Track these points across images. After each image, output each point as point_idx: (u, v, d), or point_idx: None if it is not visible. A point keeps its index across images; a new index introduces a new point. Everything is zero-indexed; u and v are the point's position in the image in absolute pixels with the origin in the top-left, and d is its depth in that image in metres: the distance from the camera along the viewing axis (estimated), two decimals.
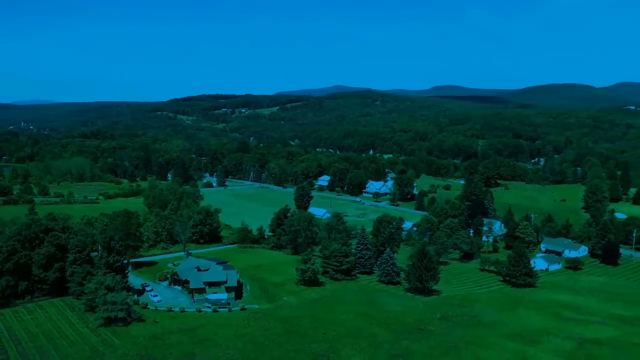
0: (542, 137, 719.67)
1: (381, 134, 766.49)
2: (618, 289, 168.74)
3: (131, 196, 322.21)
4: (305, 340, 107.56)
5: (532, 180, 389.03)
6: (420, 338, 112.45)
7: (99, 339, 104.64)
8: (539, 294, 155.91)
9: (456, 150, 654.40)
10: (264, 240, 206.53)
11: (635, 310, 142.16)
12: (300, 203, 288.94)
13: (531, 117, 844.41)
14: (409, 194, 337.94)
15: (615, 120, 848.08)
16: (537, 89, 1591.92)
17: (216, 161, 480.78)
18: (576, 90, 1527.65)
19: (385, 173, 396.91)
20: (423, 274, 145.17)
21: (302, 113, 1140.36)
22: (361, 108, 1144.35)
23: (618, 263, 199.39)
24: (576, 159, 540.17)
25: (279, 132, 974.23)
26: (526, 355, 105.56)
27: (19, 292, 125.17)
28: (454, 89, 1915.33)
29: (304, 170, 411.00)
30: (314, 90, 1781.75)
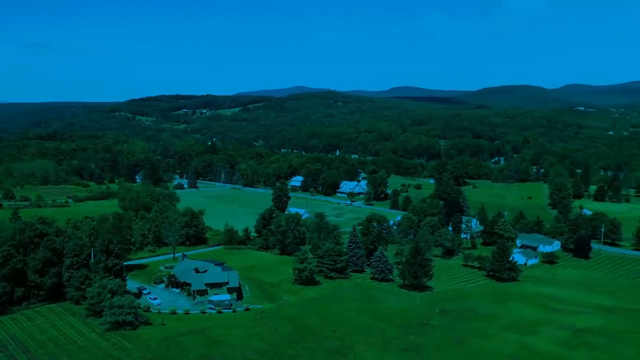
0: (501, 137, 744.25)
1: (346, 134, 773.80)
2: (594, 281, 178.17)
3: (102, 199, 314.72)
4: (316, 338, 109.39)
5: (498, 179, 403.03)
6: (425, 332, 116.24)
7: (109, 343, 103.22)
8: (523, 288, 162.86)
9: (420, 150, 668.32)
10: (250, 242, 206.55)
11: (614, 300, 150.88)
12: (278, 204, 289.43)
13: (489, 118, 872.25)
14: (382, 194, 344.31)
15: (567, 120, 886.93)
16: (492, 90, 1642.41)
17: (184, 162, 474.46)
18: (528, 91, 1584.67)
19: (357, 173, 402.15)
20: (418, 270, 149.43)
21: (265, 113, 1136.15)
22: (323, 109, 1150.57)
23: (589, 256, 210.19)
24: (534, 158, 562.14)
25: (242, 132, 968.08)
26: (526, 345, 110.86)
27: (15, 298, 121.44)
28: (412, 89, 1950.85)
29: (275, 171, 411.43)
30: (274, 90, 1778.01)
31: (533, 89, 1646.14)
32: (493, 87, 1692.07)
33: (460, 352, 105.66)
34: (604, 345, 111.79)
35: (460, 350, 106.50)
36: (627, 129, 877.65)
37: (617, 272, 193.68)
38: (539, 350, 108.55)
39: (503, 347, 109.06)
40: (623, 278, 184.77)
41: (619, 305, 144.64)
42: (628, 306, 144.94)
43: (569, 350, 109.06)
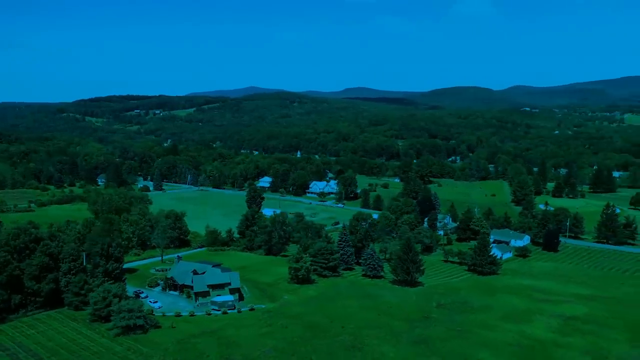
0: (456, 137, 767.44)
1: (305, 135, 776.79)
2: (567, 272, 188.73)
3: (66, 203, 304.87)
4: (328, 334, 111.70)
5: (460, 177, 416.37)
6: (428, 325, 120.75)
7: (123, 347, 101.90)
8: (505, 280, 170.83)
9: (379, 150, 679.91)
10: (234, 243, 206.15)
11: (590, 289, 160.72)
12: (251, 205, 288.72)
13: (443, 118, 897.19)
14: (352, 193, 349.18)
15: (516, 120, 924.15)
16: (443, 91, 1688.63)
17: (145, 164, 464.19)
18: (477, 92, 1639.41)
19: (325, 173, 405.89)
20: (410, 266, 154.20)
21: (220, 114, 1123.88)
22: (279, 109, 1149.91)
23: (558, 250, 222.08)
24: (489, 157, 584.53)
25: (198, 134, 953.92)
26: (525, 333, 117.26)
27: (12, 306, 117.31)
28: (365, 90, 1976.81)
29: (242, 173, 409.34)
30: (228, 91, 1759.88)
31: (481, 90, 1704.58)
32: (444, 89, 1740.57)
33: (466, 342, 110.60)
34: (594, 331, 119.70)
35: (466, 341, 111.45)
36: (571, 128, 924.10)
37: (585, 263, 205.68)
38: (538, 337, 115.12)
39: (504, 336, 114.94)
40: (592, 269, 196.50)
41: (596, 294, 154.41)
42: (604, 294, 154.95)
43: (564, 336, 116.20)
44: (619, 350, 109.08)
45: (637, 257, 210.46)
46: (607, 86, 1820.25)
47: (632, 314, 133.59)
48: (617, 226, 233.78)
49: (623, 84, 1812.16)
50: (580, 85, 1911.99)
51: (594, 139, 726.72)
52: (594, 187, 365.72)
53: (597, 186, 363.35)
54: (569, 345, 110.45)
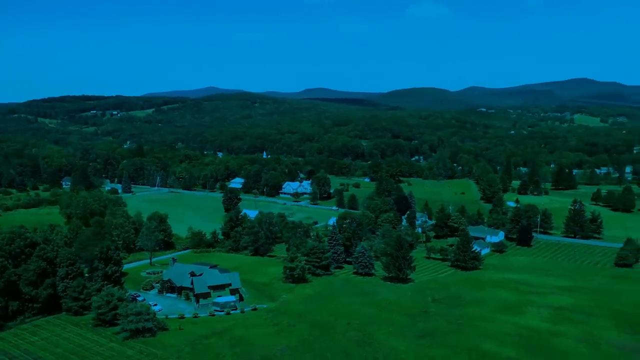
0: (418, 137, 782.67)
1: (270, 135, 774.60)
2: (544, 265, 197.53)
3: (33, 207, 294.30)
4: (336, 331, 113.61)
5: (428, 176, 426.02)
6: (429, 319, 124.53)
7: (134, 351, 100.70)
8: (489, 275, 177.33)
9: (345, 150, 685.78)
10: (218, 244, 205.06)
11: (569, 281, 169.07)
12: (228, 205, 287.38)
13: (405, 119, 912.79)
14: (325, 193, 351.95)
15: (474, 121, 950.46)
16: (402, 92, 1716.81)
17: (110, 166, 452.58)
18: (434, 93, 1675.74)
19: (296, 174, 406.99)
20: (402, 263, 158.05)
21: (180, 115, 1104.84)
22: (241, 110, 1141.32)
23: (531, 244, 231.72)
24: (451, 156, 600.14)
25: (158, 135, 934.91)
26: (520, 324, 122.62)
27: (10, 313, 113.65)
28: (325, 91, 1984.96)
29: (212, 174, 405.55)
30: (186, 91, 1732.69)
31: (438, 91, 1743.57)
32: (402, 89, 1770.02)
33: (468, 334, 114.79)
34: (583, 320, 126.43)
35: (468, 333, 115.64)
36: (526, 128, 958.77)
37: (558, 257, 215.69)
38: (533, 327, 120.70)
39: (502, 327, 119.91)
40: (566, 262, 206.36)
41: (576, 286, 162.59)
42: (583, 285, 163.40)
43: (557, 325, 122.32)
44: (609, 336, 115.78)
45: (604, 250, 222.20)
46: (556, 87, 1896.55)
47: (613, 303, 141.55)
48: (584, 221, 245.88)
49: (570, 86, 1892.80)
50: (531, 86, 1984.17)
51: (549, 138, 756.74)
52: (556, 184, 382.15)
53: (559, 183, 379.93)
54: (563, 334, 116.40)
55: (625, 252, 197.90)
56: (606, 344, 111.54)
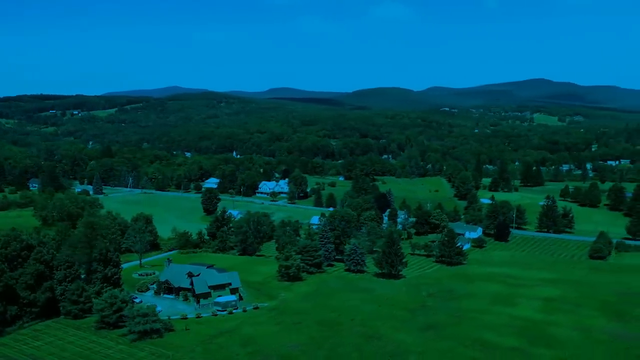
0: (386, 136, 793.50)
1: (238, 135, 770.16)
2: (523, 259, 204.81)
3: (1, 210, 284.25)
4: (343, 327, 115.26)
5: (401, 174, 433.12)
6: (428, 313, 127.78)
7: (145, 352, 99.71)
8: (475, 269, 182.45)
9: (315, 149, 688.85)
10: (205, 244, 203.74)
11: (551, 274, 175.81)
12: (208, 206, 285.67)
13: (372, 118, 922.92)
14: (302, 192, 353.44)
15: (439, 120, 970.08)
16: (366, 91, 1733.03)
17: (78, 167, 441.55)
18: (399, 93, 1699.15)
19: (272, 173, 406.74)
20: (394, 259, 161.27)
21: (144, 115, 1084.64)
22: (206, 109, 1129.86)
23: (508, 240, 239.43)
24: (419, 155, 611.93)
25: (122, 135, 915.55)
26: (515, 315, 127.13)
27: (8, 318, 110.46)
28: (290, 90, 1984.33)
29: (186, 174, 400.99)
30: (148, 90, 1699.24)
31: (402, 91, 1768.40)
32: (367, 89, 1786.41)
33: (468, 326, 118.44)
34: (573, 310, 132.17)
35: (468, 324, 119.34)
36: (488, 127, 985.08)
37: (535, 251, 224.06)
38: (527, 317, 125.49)
39: (499, 319, 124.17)
40: (543, 255, 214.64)
41: (558, 278, 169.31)
42: (565, 278, 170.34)
43: (550, 315, 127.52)
44: (600, 324, 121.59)
45: (577, 244, 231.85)
46: (515, 88, 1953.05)
47: (597, 293, 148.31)
48: (556, 216, 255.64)
49: (528, 86, 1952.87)
50: (491, 86, 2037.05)
51: (512, 137, 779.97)
52: (524, 181, 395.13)
53: (527, 180, 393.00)
54: (557, 324, 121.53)
55: (599, 245, 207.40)
56: (597, 331, 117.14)
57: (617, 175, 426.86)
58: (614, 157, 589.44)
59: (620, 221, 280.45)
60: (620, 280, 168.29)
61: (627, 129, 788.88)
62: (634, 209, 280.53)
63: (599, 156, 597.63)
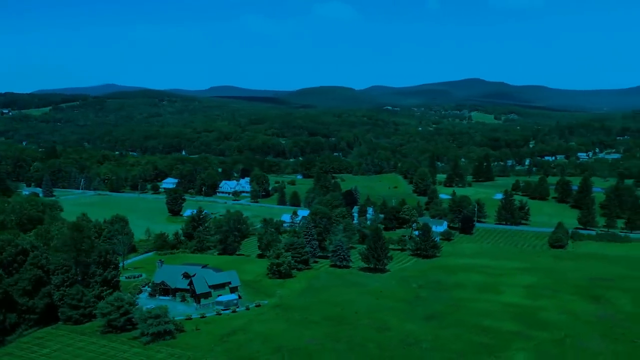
0: (335, 134, 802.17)
1: (185, 134, 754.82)
2: (491, 250, 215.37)
3: None
4: (350, 320, 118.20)
5: (358, 172, 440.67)
6: (424, 303, 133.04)
7: (163, 354, 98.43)
8: (450, 261, 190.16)
9: (265, 148, 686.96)
10: (182, 245, 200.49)
11: (522, 263, 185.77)
12: (173, 206, 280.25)
13: (320, 117, 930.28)
14: (263, 191, 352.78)
15: (384, 118, 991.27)
16: (310, 90, 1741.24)
17: (20, 169, 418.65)
18: (342, 92, 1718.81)
19: (231, 173, 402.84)
20: (381, 254, 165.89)
21: (82, 113, 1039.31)
22: (148, 108, 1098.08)
23: (472, 232, 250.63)
24: (369, 152, 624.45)
25: (59, 135, 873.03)
26: (504, 302, 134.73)
27: (8, 326, 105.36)
28: (233, 89, 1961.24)
29: (140, 175, 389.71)
30: (83, 88, 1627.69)
31: (345, 89, 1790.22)
32: (311, 88, 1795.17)
33: (466, 314, 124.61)
34: (553, 295, 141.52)
35: (465, 313, 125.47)
36: (431, 125, 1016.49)
37: (499, 242, 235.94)
38: (516, 304, 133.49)
39: (491, 306, 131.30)
40: (508, 246, 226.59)
41: (529, 267, 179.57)
42: (535, 266, 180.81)
43: (535, 301, 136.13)
44: (581, 307, 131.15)
45: (536, 235, 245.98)
46: (451, 87, 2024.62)
47: (568, 279, 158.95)
48: (514, 209, 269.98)
49: (464, 85, 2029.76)
50: (429, 86, 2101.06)
51: (455, 134, 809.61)
52: (476, 176, 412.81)
53: (479, 176, 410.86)
54: (544, 308, 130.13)
55: (559, 235, 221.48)
56: (581, 313, 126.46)
57: (557, 170, 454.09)
58: (550, 153, 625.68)
59: (567, 212, 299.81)
60: (584, 267, 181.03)
61: (558, 127, 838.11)
62: (580, 201, 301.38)
63: (536, 152, 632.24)
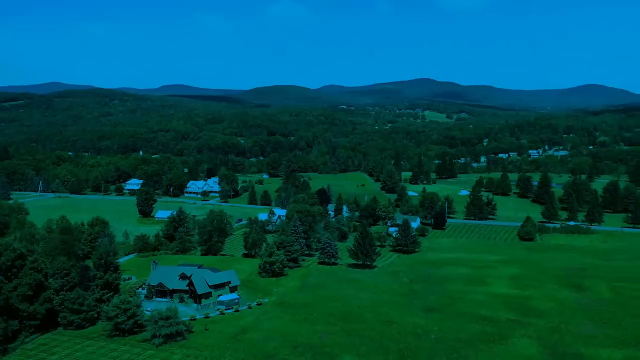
0: (294, 133, 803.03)
1: (141, 134, 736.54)
2: (466, 245, 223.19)
3: None
4: (353, 315, 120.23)
5: (323, 171, 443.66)
6: (420, 297, 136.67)
7: (179, 355, 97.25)
8: (432, 256, 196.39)
9: (225, 148, 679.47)
10: (163, 247, 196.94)
11: (499, 256, 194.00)
12: (144, 208, 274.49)
13: (277, 116, 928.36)
14: (232, 191, 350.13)
15: (341, 117, 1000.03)
16: (265, 89, 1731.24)
17: None
18: (297, 91, 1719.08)
19: (197, 173, 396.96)
20: (369, 250, 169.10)
21: (27, 113, 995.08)
22: (99, 107, 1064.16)
23: (445, 228, 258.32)
24: (329, 151, 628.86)
25: (4, 135, 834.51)
26: (494, 293, 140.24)
27: (9, 334, 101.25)
28: (185, 88, 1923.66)
29: (102, 175, 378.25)
30: (27, 86, 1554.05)
31: (300, 89, 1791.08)
32: (266, 87, 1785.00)
33: (463, 305, 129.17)
34: (537, 285, 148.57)
35: (461, 304, 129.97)
36: (386, 124, 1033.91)
37: (472, 236, 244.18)
38: (505, 294, 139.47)
39: (484, 297, 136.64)
40: (481, 240, 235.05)
41: (507, 259, 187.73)
42: (512, 258, 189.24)
43: (523, 291, 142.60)
44: (566, 296, 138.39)
45: (505, 229, 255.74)
46: (403, 87, 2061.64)
47: (547, 269, 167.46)
48: (482, 205, 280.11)
49: (416, 85, 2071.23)
50: (382, 85, 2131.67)
51: (412, 133, 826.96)
52: (439, 174, 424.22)
53: (442, 173, 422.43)
54: (533, 297, 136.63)
55: (528, 228, 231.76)
56: (568, 301, 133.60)
57: (513, 166, 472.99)
58: (503, 151, 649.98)
59: (529, 207, 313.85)
60: (557, 258, 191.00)
61: (508, 125, 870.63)
62: (540, 196, 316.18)
63: (491, 150, 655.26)
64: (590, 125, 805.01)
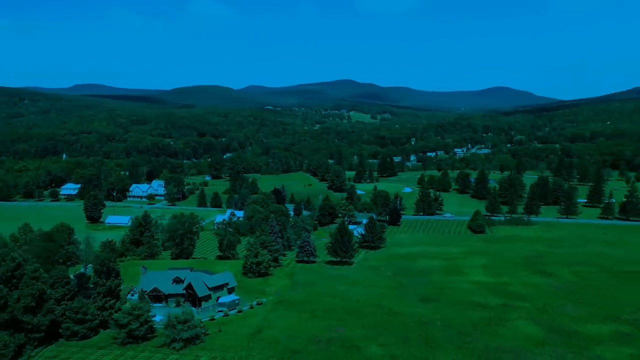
0: (225, 134, 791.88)
1: (61, 136, 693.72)
2: (425, 239, 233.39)
3: None
4: (356, 309, 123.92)
5: (266, 172, 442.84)
6: (412, 289, 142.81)
7: (206, 359, 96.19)
8: (399, 250, 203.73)
9: (155, 150, 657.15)
10: (129, 253, 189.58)
11: (461, 248, 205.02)
12: (92, 213, 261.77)
13: (205, 116, 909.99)
14: (179, 193, 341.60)
15: (270, 118, 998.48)
16: (186, 89, 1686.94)
17: None
18: (219, 91, 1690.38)
19: (137, 176, 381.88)
20: (348, 247, 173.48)
21: None
22: (7, 107, 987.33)
23: (399, 224, 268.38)
24: (264, 152, 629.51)
25: None
26: (476, 281, 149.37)
27: (16, 348, 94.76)
28: (100, 87, 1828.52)
29: (33, 180, 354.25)
30: None
31: (223, 89, 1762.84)
32: (187, 87, 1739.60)
33: (453, 294, 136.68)
34: (508, 272, 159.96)
35: (451, 293, 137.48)
36: (314, 124, 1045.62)
37: (428, 231, 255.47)
38: (485, 282, 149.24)
39: (468, 286, 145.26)
40: (436, 234, 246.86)
41: (469, 250, 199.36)
42: (473, 250, 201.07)
43: (499, 278, 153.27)
44: (538, 281, 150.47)
45: (454, 223, 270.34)
46: (326, 87, 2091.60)
47: (510, 258, 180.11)
48: (430, 201, 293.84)
49: (338, 86, 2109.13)
50: (305, 86, 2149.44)
51: (342, 133, 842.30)
52: (381, 172, 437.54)
53: (383, 171, 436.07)
54: (510, 283, 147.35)
55: (479, 221, 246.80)
56: (542, 286, 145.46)
57: (448, 164, 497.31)
58: (431, 149, 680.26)
59: (469, 202, 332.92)
60: (513, 248, 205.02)
61: (431, 125, 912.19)
62: (479, 191, 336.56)
63: (419, 149, 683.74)
64: (505, 124, 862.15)
